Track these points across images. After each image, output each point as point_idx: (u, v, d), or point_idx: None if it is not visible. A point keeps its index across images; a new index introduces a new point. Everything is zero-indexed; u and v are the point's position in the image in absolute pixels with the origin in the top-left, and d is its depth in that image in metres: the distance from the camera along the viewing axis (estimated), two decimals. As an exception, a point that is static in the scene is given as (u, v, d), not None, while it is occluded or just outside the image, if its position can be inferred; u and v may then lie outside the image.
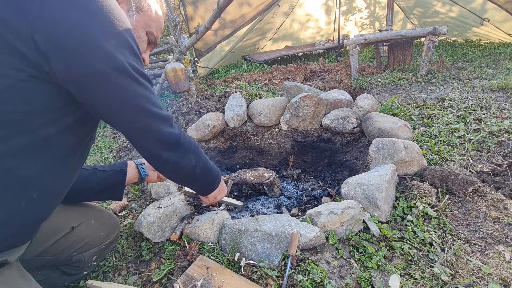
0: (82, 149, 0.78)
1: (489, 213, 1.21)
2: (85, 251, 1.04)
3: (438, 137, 1.82)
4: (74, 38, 0.56)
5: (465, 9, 4.47)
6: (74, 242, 1.01)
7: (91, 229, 1.06)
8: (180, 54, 2.88)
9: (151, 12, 0.83)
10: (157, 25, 0.87)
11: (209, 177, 1.05)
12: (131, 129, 0.74)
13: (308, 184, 1.98)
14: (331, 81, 3.70)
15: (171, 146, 0.81)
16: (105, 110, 0.68)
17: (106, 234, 1.11)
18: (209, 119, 2.17)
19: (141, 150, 0.81)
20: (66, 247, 0.99)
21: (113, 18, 0.60)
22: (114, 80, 0.63)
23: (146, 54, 0.90)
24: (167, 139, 0.79)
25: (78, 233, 1.01)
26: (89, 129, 0.79)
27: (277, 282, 0.98)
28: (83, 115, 0.71)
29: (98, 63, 0.59)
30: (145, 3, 0.81)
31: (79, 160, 0.81)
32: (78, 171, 0.83)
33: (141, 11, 0.80)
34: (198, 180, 1.02)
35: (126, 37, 0.63)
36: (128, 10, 0.77)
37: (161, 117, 0.76)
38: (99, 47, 0.59)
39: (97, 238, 1.08)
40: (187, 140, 0.87)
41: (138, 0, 0.79)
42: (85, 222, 1.05)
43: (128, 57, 0.65)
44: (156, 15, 0.85)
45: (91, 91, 0.63)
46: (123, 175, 1.11)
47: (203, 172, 0.99)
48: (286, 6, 5.94)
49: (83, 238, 1.03)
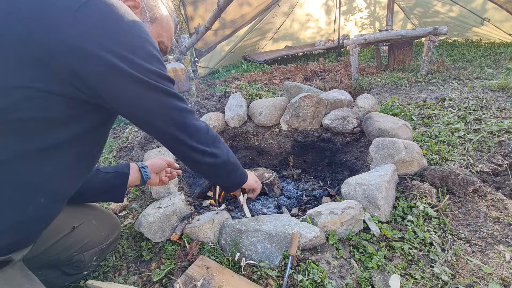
0: (92, 157, 0.79)
1: (489, 213, 1.21)
2: (85, 251, 1.04)
3: (438, 137, 1.82)
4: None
5: (465, 9, 4.46)
6: (75, 242, 1.01)
7: (92, 230, 1.06)
8: (180, 54, 2.88)
9: (163, 22, 0.84)
10: (168, 35, 0.88)
11: (237, 166, 1.13)
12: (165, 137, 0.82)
13: (308, 184, 1.98)
14: (331, 81, 3.69)
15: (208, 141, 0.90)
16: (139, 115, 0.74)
17: (107, 235, 1.11)
18: (209, 119, 2.17)
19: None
20: (67, 246, 0.99)
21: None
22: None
23: None
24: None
25: (79, 233, 1.01)
26: (100, 137, 0.79)
27: (277, 282, 0.98)
28: (97, 123, 0.72)
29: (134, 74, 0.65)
30: (158, 14, 0.82)
31: (88, 167, 0.81)
32: (85, 177, 0.83)
33: (155, 22, 0.82)
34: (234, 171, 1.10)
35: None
36: (142, 21, 0.78)
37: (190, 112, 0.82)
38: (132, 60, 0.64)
39: (97, 238, 1.08)
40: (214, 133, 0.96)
41: (153, 12, 0.80)
42: (86, 222, 1.05)
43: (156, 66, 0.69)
44: (168, 25, 0.87)
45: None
46: (125, 177, 1.11)
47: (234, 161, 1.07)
48: (286, 6, 5.94)
49: (84, 238, 1.03)
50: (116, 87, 0.64)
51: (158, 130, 0.79)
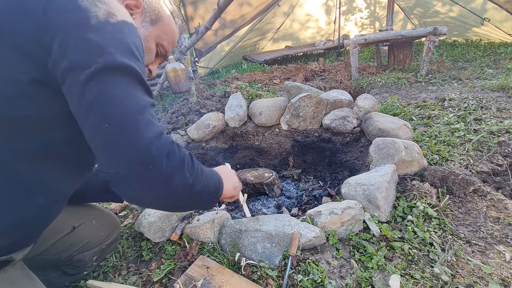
0: (92, 157, 0.77)
1: (489, 213, 1.21)
2: (86, 251, 1.04)
3: (438, 137, 1.82)
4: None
5: (465, 9, 4.46)
6: (75, 242, 1.01)
7: (92, 229, 1.06)
8: (180, 54, 2.88)
9: (165, 26, 0.83)
10: (169, 39, 0.87)
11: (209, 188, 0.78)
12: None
13: (308, 184, 1.98)
14: (331, 81, 3.69)
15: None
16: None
17: (107, 235, 1.11)
18: (209, 119, 2.17)
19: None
20: (67, 246, 0.99)
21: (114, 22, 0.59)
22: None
23: (153, 66, 0.88)
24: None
25: (79, 233, 1.01)
26: None
27: (277, 282, 0.98)
28: None
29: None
30: (161, 16, 0.82)
31: (88, 167, 0.81)
32: (85, 177, 0.83)
33: (156, 23, 0.81)
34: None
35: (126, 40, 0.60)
36: (142, 21, 0.78)
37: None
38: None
39: (97, 238, 1.08)
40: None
41: (154, 13, 0.80)
42: (86, 222, 1.05)
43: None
44: (170, 29, 0.85)
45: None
46: None
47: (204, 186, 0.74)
48: (286, 6, 5.94)
49: (84, 238, 1.03)
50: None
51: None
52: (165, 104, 3.80)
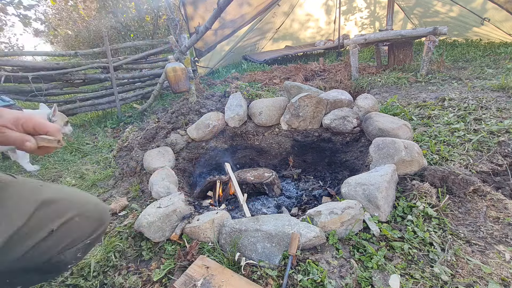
0: None
1: (489, 213, 1.21)
2: (67, 251, 0.88)
3: (438, 137, 1.82)
4: None
5: (465, 9, 4.46)
6: (54, 245, 0.84)
7: (74, 228, 0.89)
8: (180, 54, 2.88)
9: None
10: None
11: None
12: None
13: (308, 184, 1.98)
14: (331, 81, 3.70)
15: None
16: None
17: (92, 230, 0.93)
18: (209, 119, 2.17)
19: None
20: (44, 251, 0.82)
21: None
22: None
23: None
24: None
25: (58, 234, 0.84)
26: None
27: (277, 282, 0.98)
28: None
29: None
30: None
31: None
32: None
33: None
34: None
35: None
36: None
37: None
38: None
39: (81, 235, 0.91)
40: None
41: None
42: (67, 222, 0.86)
43: None
44: None
45: None
46: None
47: None
48: (286, 6, 5.94)
49: (65, 239, 0.86)
50: None
51: None
52: (165, 104, 3.80)
